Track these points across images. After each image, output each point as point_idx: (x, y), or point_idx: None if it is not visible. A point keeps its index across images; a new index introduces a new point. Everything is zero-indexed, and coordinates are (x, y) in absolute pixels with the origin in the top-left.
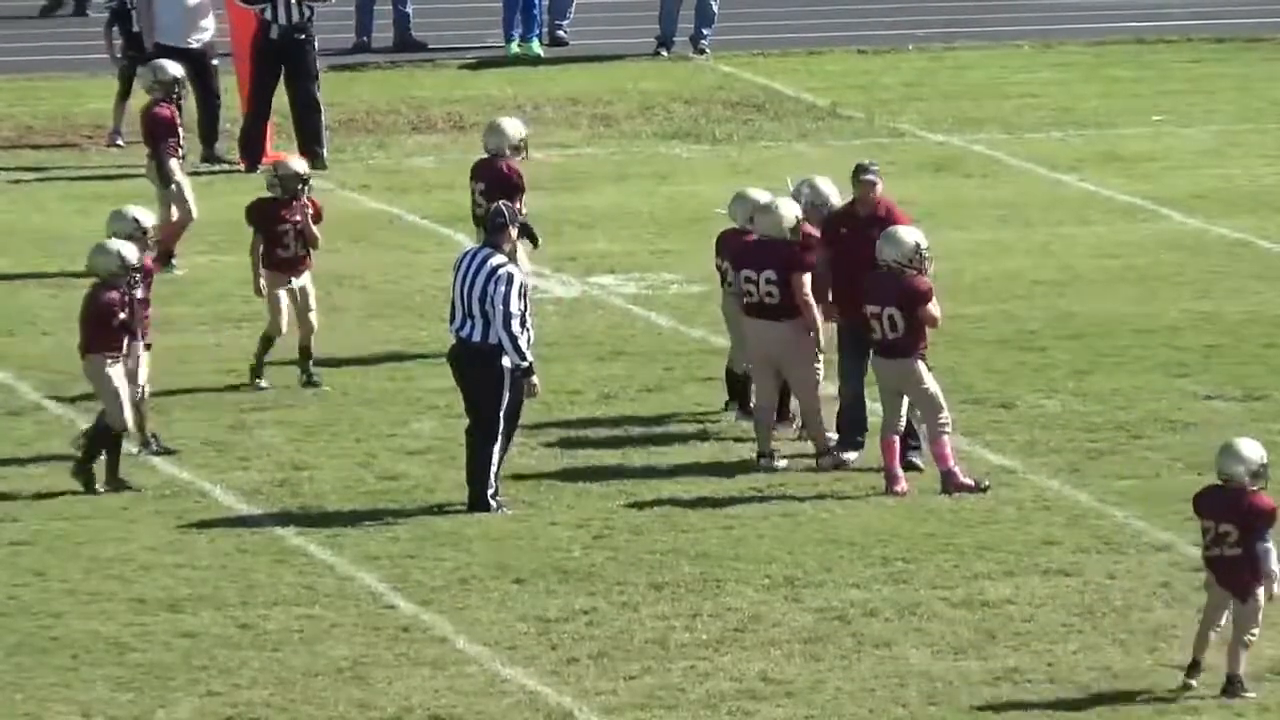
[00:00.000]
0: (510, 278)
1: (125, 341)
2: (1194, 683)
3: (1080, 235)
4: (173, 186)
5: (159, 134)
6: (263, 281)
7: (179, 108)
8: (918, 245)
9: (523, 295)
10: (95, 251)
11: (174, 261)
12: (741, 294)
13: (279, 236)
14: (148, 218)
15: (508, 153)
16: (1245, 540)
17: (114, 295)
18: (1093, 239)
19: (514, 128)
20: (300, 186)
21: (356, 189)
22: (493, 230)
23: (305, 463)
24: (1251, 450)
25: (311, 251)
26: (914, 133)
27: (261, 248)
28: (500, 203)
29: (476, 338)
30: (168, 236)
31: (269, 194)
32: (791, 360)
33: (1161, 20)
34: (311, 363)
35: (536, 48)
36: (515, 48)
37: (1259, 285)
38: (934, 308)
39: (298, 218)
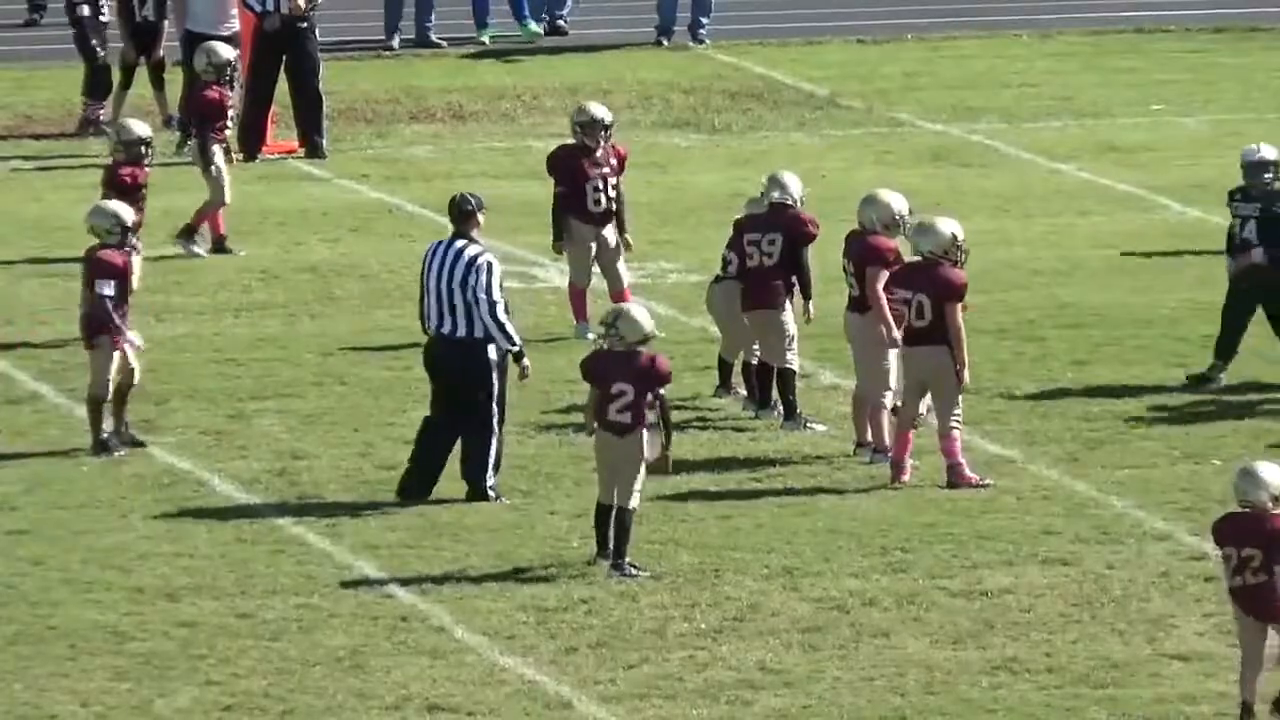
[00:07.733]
0: (490, 266)
1: None
2: None
3: (1079, 225)
4: (212, 169)
5: (206, 116)
6: None
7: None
8: (954, 236)
9: (501, 283)
10: None
11: (196, 239)
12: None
13: (136, 203)
14: (129, 214)
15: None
16: (1268, 565)
17: None
18: (1091, 229)
19: (580, 113)
20: (143, 149)
21: (356, 178)
22: (460, 219)
23: (303, 452)
24: (1272, 474)
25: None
26: (913, 122)
27: None
28: (464, 192)
29: (461, 332)
30: (199, 218)
31: (117, 157)
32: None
33: (1160, 10)
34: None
35: (534, 28)
36: (486, 37)
37: None
38: (960, 318)
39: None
